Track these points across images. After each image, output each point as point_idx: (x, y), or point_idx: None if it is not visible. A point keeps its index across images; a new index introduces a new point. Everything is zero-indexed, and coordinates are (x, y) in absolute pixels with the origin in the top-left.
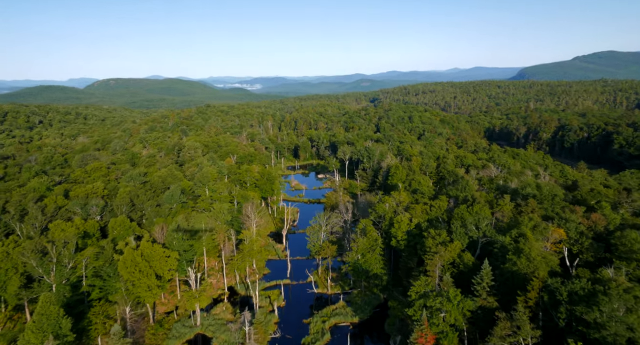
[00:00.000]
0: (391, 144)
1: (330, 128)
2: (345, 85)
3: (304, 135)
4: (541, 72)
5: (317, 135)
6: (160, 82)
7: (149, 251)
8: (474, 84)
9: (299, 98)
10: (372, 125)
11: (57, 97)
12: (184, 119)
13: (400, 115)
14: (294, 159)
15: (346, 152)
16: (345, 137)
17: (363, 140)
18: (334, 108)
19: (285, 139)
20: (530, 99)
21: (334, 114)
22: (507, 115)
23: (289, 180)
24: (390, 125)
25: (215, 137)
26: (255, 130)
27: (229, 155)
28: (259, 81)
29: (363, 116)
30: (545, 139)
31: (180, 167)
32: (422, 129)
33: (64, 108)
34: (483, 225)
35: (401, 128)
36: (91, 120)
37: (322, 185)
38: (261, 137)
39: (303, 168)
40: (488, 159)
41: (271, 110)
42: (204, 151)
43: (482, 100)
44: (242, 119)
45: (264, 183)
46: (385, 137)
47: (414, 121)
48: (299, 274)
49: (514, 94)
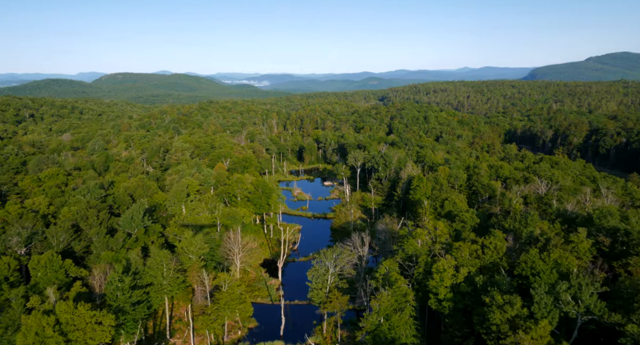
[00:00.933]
0: (409, 149)
1: (339, 128)
2: (353, 83)
3: (309, 135)
4: (554, 73)
5: (324, 136)
6: (168, 78)
7: (68, 316)
8: (487, 84)
9: (305, 95)
10: (383, 125)
11: (63, 91)
12: (182, 115)
13: (415, 115)
14: (298, 162)
15: (358, 158)
16: (355, 139)
17: (376, 143)
18: (342, 106)
19: (289, 140)
20: (549, 100)
21: (342, 113)
22: (529, 117)
23: (291, 188)
24: (404, 125)
25: (210, 136)
26: (258, 128)
27: (222, 159)
28: (267, 78)
29: (374, 115)
30: (576, 144)
31: (164, 173)
32: (439, 131)
33: (60, 101)
34: (585, 295)
35: (416, 129)
36: (87, 115)
37: (328, 195)
38: (262, 138)
39: (308, 173)
40: (525, 169)
41: (277, 107)
42: (194, 153)
43: (497, 100)
44: (244, 117)
45: (258, 196)
46: (402, 140)
47: (430, 122)
48: (298, 328)
49: (530, 95)
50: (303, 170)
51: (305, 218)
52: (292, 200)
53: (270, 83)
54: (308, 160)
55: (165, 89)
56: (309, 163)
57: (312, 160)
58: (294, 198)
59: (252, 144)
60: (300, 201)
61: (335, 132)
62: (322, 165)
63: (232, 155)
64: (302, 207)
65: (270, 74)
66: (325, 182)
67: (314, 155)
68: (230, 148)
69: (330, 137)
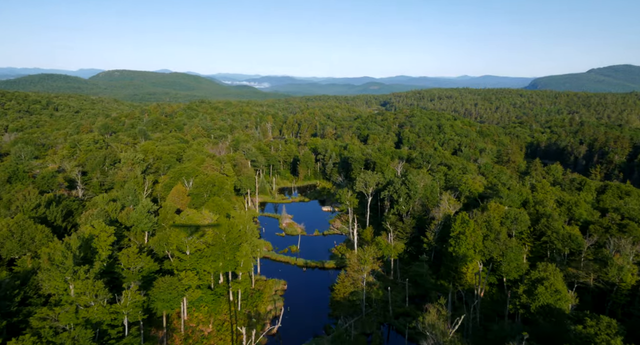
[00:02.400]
0: (431, 167)
1: (340, 135)
2: (354, 88)
3: (306, 144)
4: (555, 83)
5: (323, 146)
6: (166, 76)
7: None
8: (494, 92)
9: (305, 98)
10: (392, 134)
11: (57, 86)
12: (165, 115)
13: (427, 124)
14: (292, 177)
15: (369, 182)
16: (362, 152)
17: (388, 158)
18: (344, 110)
19: (281, 149)
20: (562, 110)
21: (344, 118)
22: (550, 129)
23: (279, 216)
24: (415, 135)
25: (179, 145)
26: (249, 133)
27: (184, 178)
28: (267, 80)
29: (380, 122)
30: (618, 162)
31: (83, 205)
32: (458, 143)
33: (35, 96)
34: None
35: (430, 140)
36: (61, 112)
37: (327, 227)
38: (247, 147)
39: (302, 192)
40: (595, 203)
41: (273, 109)
42: (151, 167)
43: (506, 109)
44: (236, 119)
45: (221, 248)
46: (422, 156)
47: (446, 131)
48: None
49: (541, 104)
50: (297, 189)
51: (295, 267)
52: (279, 235)
53: (270, 85)
54: (303, 174)
55: (163, 87)
56: (305, 179)
57: (308, 174)
58: (282, 231)
59: (234, 155)
60: (289, 237)
61: (336, 141)
62: (320, 183)
63: (199, 173)
64: (291, 247)
65: (270, 76)
66: (324, 207)
67: (311, 169)
68: (201, 161)
69: (330, 148)
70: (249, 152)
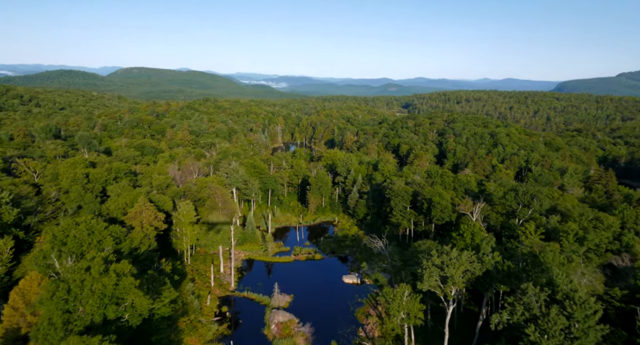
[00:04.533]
0: (532, 214)
1: (364, 143)
2: (371, 89)
3: (320, 159)
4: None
5: (344, 164)
6: (183, 74)
7: None
8: (526, 94)
9: (322, 98)
10: (431, 145)
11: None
12: (157, 115)
13: (474, 131)
14: (300, 207)
15: (452, 278)
16: (405, 178)
17: (452, 194)
18: (365, 112)
19: (285, 166)
20: (614, 115)
21: (366, 121)
22: (623, 139)
23: (267, 301)
24: (462, 146)
25: (118, 165)
26: (251, 138)
27: (92, 245)
28: (285, 80)
29: (412, 128)
30: None
31: None
32: (525, 158)
33: (24, 90)
34: None
35: (483, 154)
36: (44, 108)
37: (355, 333)
38: (233, 168)
39: (313, 235)
40: None
41: (286, 110)
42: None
43: (545, 113)
44: (240, 120)
45: None
46: (514, 197)
47: (503, 143)
48: None
49: (586, 109)
50: (306, 228)
51: None
52: None
53: (288, 85)
54: (316, 204)
55: (180, 85)
56: (317, 211)
57: (322, 205)
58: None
59: (207, 179)
60: None
61: (359, 153)
62: (340, 219)
63: (118, 234)
64: None
65: (288, 76)
66: (347, 277)
67: (327, 197)
68: (133, 198)
69: (354, 166)
70: (233, 175)
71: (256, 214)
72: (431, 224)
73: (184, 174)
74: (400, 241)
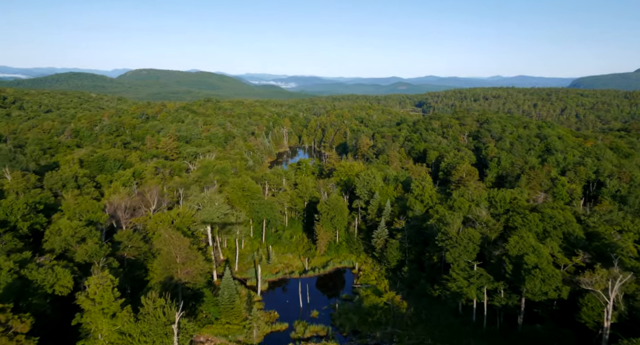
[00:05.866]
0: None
1: (383, 149)
2: (381, 88)
3: (332, 174)
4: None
5: (364, 182)
6: (192, 75)
7: None
8: (547, 91)
9: (332, 97)
10: (467, 152)
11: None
12: (146, 117)
13: (518, 134)
14: (307, 243)
15: None
16: (455, 207)
17: (547, 244)
18: (379, 112)
19: (285, 186)
20: None
21: (381, 122)
22: None
23: None
24: (506, 153)
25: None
26: (250, 143)
27: None
28: (294, 80)
29: (438, 129)
30: None
31: None
32: (594, 168)
33: (13, 92)
34: None
35: (533, 162)
36: (27, 111)
37: None
38: (206, 198)
39: (325, 288)
40: None
41: (294, 110)
42: None
43: (573, 111)
44: (241, 123)
45: None
46: None
47: (558, 148)
48: None
49: (618, 105)
50: (313, 284)
51: None
52: None
53: (297, 85)
54: (327, 240)
55: (188, 86)
56: (330, 250)
57: (336, 242)
58: None
59: (166, 216)
60: None
61: (377, 160)
62: (362, 264)
63: None
64: None
65: (297, 76)
66: None
67: (341, 231)
68: None
69: (378, 186)
70: (206, 208)
71: (244, 256)
72: (518, 295)
73: (144, 202)
74: (461, 315)
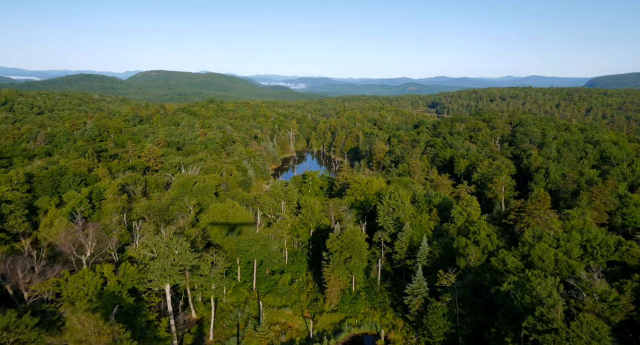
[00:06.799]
0: None
1: (402, 156)
2: (391, 89)
3: (345, 192)
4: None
5: (388, 209)
6: (202, 77)
7: None
8: (568, 91)
9: (342, 98)
10: (502, 160)
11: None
12: (140, 120)
13: (564, 139)
14: (311, 286)
15: None
16: (551, 254)
17: None
18: (393, 113)
19: (284, 213)
20: None
21: (396, 124)
22: None
23: None
24: (554, 163)
25: None
26: (252, 149)
27: None
28: (304, 81)
29: (465, 133)
30: None
31: None
32: None
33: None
34: None
35: (591, 174)
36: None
37: None
38: (163, 242)
39: None
40: None
41: (302, 111)
42: None
43: (600, 111)
44: (244, 125)
45: None
46: None
47: (618, 156)
48: None
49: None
50: None
51: None
52: None
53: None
54: (340, 289)
55: (197, 88)
56: (343, 303)
57: (351, 289)
58: None
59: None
60: None
61: (396, 169)
62: (394, 335)
63: None
64: None
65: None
66: None
67: (360, 274)
68: None
69: (408, 214)
70: (163, 257)
71: (226, 313)
72: None
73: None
74: None
